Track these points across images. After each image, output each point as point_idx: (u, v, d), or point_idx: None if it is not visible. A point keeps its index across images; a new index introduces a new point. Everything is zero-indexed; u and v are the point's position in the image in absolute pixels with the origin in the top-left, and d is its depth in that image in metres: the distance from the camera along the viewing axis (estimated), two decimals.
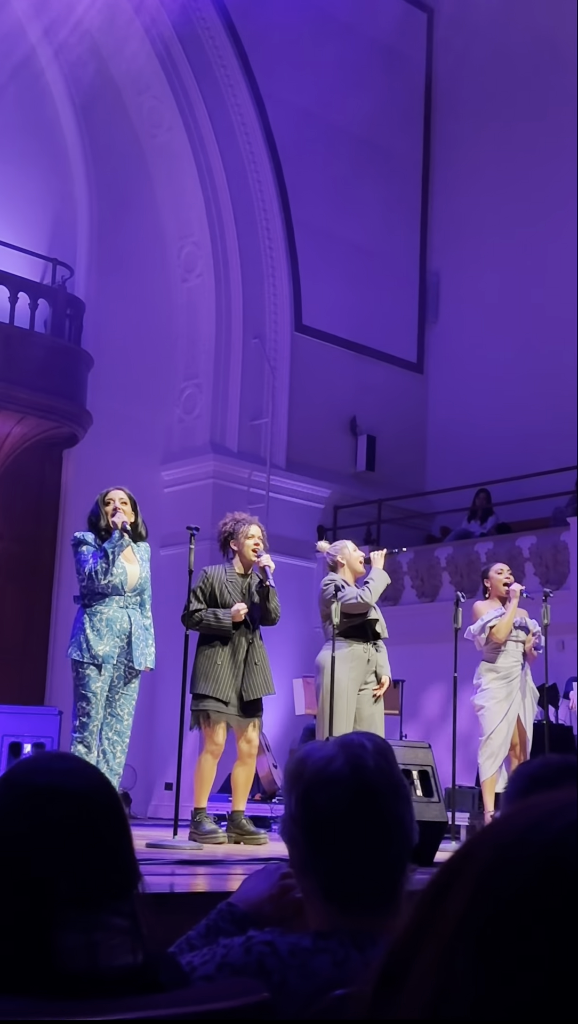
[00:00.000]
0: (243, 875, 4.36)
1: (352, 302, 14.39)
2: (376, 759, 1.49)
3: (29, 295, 12.17)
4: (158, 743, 11.74)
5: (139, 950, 1.24)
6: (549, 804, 0.56)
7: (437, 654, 7.27)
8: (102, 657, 5.75)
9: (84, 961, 1.19)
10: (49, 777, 1.28)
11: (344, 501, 13.90)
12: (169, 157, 13.68)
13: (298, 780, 1.50)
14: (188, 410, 13.56)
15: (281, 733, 12.05)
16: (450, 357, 15.07)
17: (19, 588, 12.19)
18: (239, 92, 13.74)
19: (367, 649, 6.55)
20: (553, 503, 12.52)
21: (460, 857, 0.57)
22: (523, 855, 0.53)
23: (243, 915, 1.67)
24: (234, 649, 6.31)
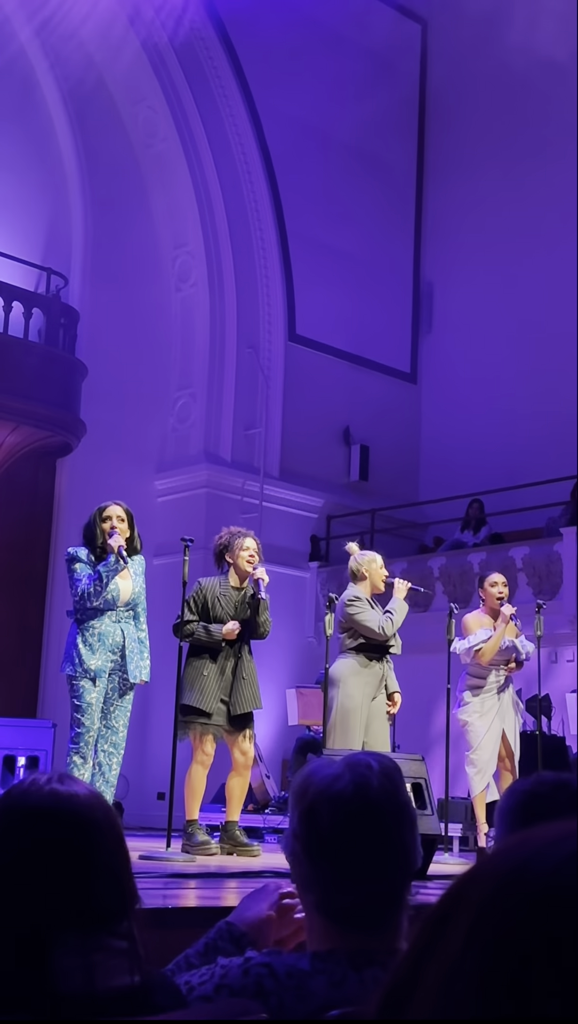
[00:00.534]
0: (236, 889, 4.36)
1: (346, 312, 14.42)
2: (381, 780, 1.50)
3: (23, 304, 12.18)
4: (151, 753, 11.72)
5: (136, 971, 1.25)
6: (549, 834, 0.57)
7: (430, 665, 7.27)
8: (94, 671, 5.76)
9: (81, 982, 1.20)
10: (46, 799, 1.28)
11: (337, 511, 13.91)
12: (164, 167, 13.71)
13: (303, 797, 1.51)
14: (182, 419, 13.57)
15: (274, 744, 12.05)
16: (443, 367, 15.10)
17: (12, 598, 12.18)
18: (234, 103, 13.78)
19: (380, 664, 6.57)
20: (546, 513, 12.54)
21: (461, 886, 0.58)
22: (523, 885, 0.54)
23: (241, 934, 1.68)
24: (222, 661, 6.31)
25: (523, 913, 0.53)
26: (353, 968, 1.41)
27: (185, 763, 6.42)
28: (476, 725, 7.13)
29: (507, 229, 14.43)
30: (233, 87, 13.75)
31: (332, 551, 13.83)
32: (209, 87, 13.69)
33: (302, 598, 13.40)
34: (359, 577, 6.75)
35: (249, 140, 13.85)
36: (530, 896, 0.53)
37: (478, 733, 7.12)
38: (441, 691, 7.30)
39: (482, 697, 7.18)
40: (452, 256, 15.19)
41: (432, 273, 15.51)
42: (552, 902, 0.52)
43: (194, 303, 13.69)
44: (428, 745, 10.22)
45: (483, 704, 7.16)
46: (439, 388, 15.12)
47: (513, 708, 7.25)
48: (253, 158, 13.88)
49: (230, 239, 13.67)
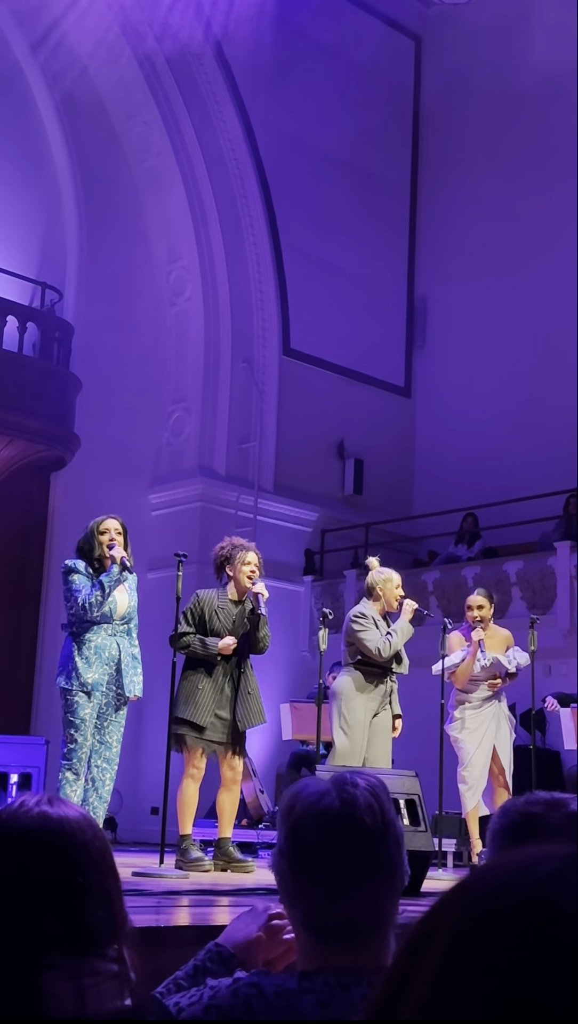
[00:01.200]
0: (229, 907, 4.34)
1: (340, 326, 14.45)
2: (367, 798, 1.50)
3: (18, 318, 12.19)
4: (145, 768, 11.70)
5: (127, 994, 1.24)
6: (531, 855, 0.57)
7: (424, 679, 7.26)
8: (91, 685, 5.75)
9: (72, 1006, 1.19)
10: (37, 819, 1.28)
11: (331, 525, 13.92)
12: (158, 182, 13.75)
13: (289, 814, 1.51)
14: (176, 433, 13.58)
15: (268, 758, 12.02)
16: (437, 381, 15.13)
17: (5, 613, 12.15)
18: (228, 118, 13.83)
19: (384, 682, 6.57)
20: (540, 528, 12.55)
21: (442, 906, 0.58)
22: (504, 904, 0.54)
23: (230, 956, 1.68)
24: (217, 676, 6.29)
25: (501, 932, 0.53)
26: (341, 988, 1.42)
27: (178, 778, 6.41)
28: (465, 741, 7.12)
29: (501, 243, 14.48)
30: (228, 102, 13.80)
31: (326, 565, 13.84)
32: (204, 102, 13.74)
33: (296, 612, 13.40)
34: (374, 594, 6.74)
35: (244, 155, 13.90)
36: (510, 916, 0.54)
37: (468, 750, 7.11)
38: (435, 707, 7.29)
39: (470, 713, 7.18)
40: (446, 270, 15.24)
41: (426, 287, 15.56)
42: (531, 923, 0.53)
43: (188, 317, 13.71)
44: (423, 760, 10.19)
45: (472, 720, 7.16)
46: (433, 402, 15.15)
47: (505, 723, 7.23)
48: (248, 173, 13.92)
49: (224, 253, 13.70)
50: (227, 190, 13.80)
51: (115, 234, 13.41)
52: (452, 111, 15.42)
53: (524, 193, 14.37)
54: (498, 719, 7.20)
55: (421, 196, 15.84)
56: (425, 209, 15.76)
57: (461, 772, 7.15)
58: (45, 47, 12.97)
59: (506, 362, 14.18)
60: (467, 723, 7.15)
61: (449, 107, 15.47)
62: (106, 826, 11.30)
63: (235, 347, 13.65)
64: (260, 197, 13.97)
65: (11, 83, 12.94)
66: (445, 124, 15.56)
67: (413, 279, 15.64)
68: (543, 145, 14.21)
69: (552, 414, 13.42)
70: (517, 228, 14.34)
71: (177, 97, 13.59)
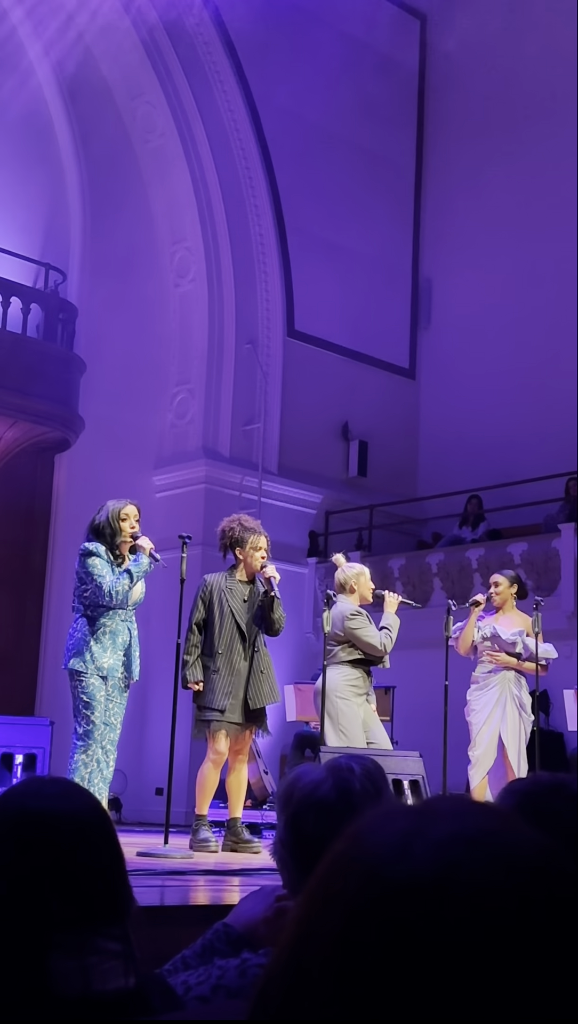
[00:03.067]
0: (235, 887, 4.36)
1: (344, 307, 14.41)
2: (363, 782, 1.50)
3: (22, 299, 12.17)
4: (149, 749, 11.73)
5: (132, 973, 1.25)
6: (400, 833, 0.56)
7: (428, 661, 7.28)
8: (107, 670, 5.74)
9: (77, 985, 1.20)
10: (41, 802, 1.29)
11: (336, 506, 13.91)
12: (162, 162, 13.69)
13: (287, 804, 1.51)
14: (180, 415, 13.55)
15: (272, 740, 12.01)
16: (442, 363, 15.09)
17: (10, 594, 12.17)
18: (232, 98, 13.76)
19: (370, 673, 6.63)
20: (544, 509, 12.54)
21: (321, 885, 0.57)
22: (383, 894, 0.53)
23: (238, 936, 1.68)
24: (233, 656, 6.32)
25: (385, 931, 0.52)
26: None
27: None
28: (473, 721, 7.17)
29: (506, 225, 14.42)
30: (232, 82, 13.72)
31: (330, 547, 13.83)
32: (207, 82, 13.66)
33: (300, 594, 13.40)
34: (348, 589, 6.75)
35: (248, 135, 13.83)
36: (388, 910, 0.53)
37: (474, 728, 7.16)
38: (439, 687, 7.30)
39: (477, 694, 7.23)
40: (451, 252, 15.18)
41: (431, 269, 15.50)
42: (410, 914, 0.52)
43: (192, 299, 13.67)
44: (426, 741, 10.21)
45: (477, 701, 7.21)
46: (438, 384, 15.11)
47: (513, 706, 7.23)
48: (252, 153, 13.86)
49: (229, 234, 13.65)
50: (231, 170, 13.74)
51: (119, 215, 13.36)
52: (458, 91, 15.34)
53: (529, 174, 14.30)
54: (505, 701, 7.20)
55: (426, 176, 15.76)
56: (430, 189, 15.69)
57: (469, 751, 7.21)
58: (48, 26, 12.90)
59: (511, 344, 14.14)
60: (473, 704, 7.19)
61: (455, 87, 15.38)
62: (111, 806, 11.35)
63: (239, 328, 13.61)
64: (264, 177, 13.90)
65: (15, 63, 12.88)
66: (451, 104, 15.48)
67: (418, 260, 15.58)
68: (549, 126, 14.13)
69: (557, 396, 13.39)
70: (523, 209, 14.27)
71: (181, 77, 13.51)
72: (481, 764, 7.12)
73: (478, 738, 7.13)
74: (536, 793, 1.74)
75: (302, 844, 1.48)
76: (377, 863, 0.55)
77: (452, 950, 0.51)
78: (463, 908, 0.52)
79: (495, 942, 0.51)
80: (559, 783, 1.75)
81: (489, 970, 0.51)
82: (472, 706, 7.21)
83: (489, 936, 0.51)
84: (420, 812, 0.57)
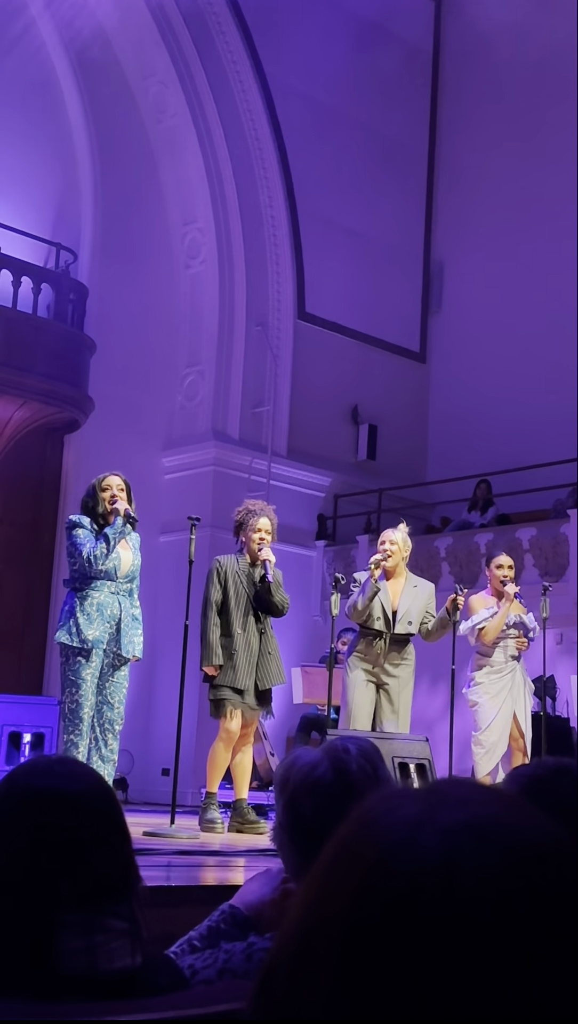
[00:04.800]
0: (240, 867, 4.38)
1: (355, 290, 14.37)
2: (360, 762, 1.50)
3: (32, 279, 12.14)
4: (155, 729, 11.77)
5: (138, 952, 1.25)
6: (408, 822, 0.56)
7: (435, 645, 7.26)
8: (92, 642, 5.71)
9: (83, 963, 1.20)
10: (48, 780, 1.29)
11: (345, 490, 13.90)
12: (174, 143, 13.64)
13: (284, 787, 1.51)
14: (190, 397, 13.55)
15: (279, 722, 12.05)
16: (453, 346, 15.05)
17: (18, 574, 12.20)
18: (245, 79, 13.69)
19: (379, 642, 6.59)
20: (554, 495, 12.52)
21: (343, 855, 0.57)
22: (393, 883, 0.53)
23: (244, 918, 1.69)
24: (248, 638, 6.35)
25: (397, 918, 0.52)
26: None
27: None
28: (485, 706, 7.13)
29: (520, 207, 14.35)
30: (245, 63, 13.66)
31: (339, 530, 13.84)
32: (221, 63, 13.60)
33: (308, 577, 13.41)
34: None
35: (260, 117, 13.77)
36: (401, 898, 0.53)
37: (487, 715, 7.11)
38: (446, 671, 7.31)
39: (493, 677, 7.18)
40: (463, 235, 15.12)
41: (442, 252, 15.45)
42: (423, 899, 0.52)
43: (203, 280, 13.64)
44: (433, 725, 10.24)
45: (493, 684, 7.16)
46: (448, 368, 15.08)
47: (525, 689, 7.23)
48: (264, 135, 13.80)
49: (240, 216, 13.61)
50: (243, 151, 13.69)
51: (130, 195, 13.33)
52: (472, 73, 15.25)
53: (543, 157, 14.23)
54: (518, 684, 7.20)
55: (439, 159, 15.69)
56: (443, 172, 15.62)
57: (477, 736, 7.17)
58: (61, 4, 12.84)
59: (522, 328, 14.10)
60: (488, 687, 7.15)
61: (469, 69, 15.29)
62: (117, 786, 11.40)
63: (250, 310, 13.58)
64: (277, 159, 13.85)
65: (27, 43, 12.82)
66: (464, 86, 15.39)
67: (430, 243, 15.52)
68: (564, 109, 14.04)
69: (568, 381, 13.34)
70: (535, 193, 14.20)
71: (194, 57, 13.45)
72: (495, 751, 7.10)
73: (493, 725, 7.10)
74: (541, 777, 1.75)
75: (301, 826, 1.48)
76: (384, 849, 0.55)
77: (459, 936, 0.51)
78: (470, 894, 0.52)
79: (502, 928, 0.51)
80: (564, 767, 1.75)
81: (496, 956, 0.51)
82: (485, 688, 7.17)
83: (496, 922, 0.51)
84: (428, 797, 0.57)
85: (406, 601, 6.66)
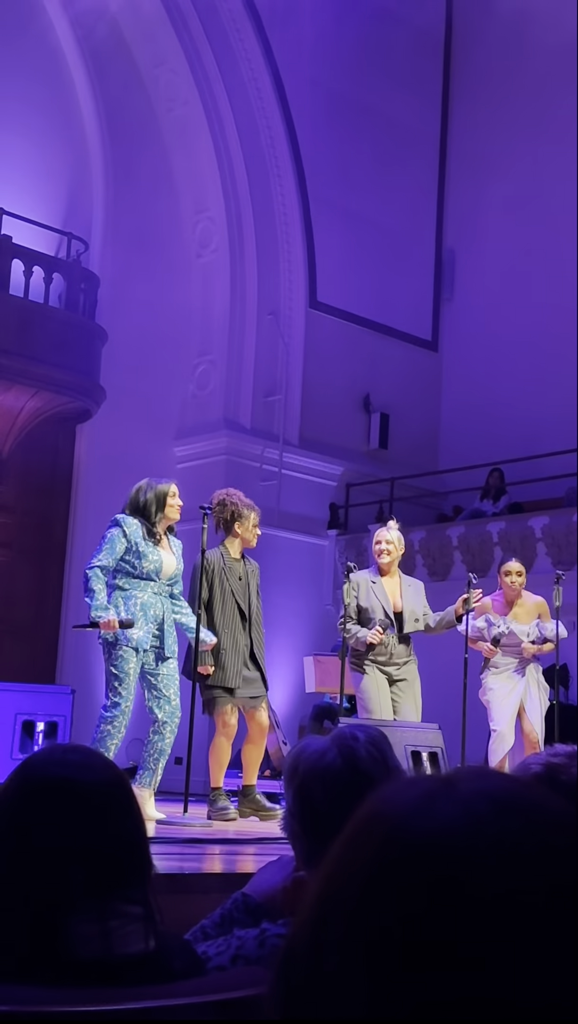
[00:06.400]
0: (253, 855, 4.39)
1: (367, 279, 14.33)
2: (368, 749, 1.51)
3: (44, 269, 12.15)
4: None
5: (152, 937, 1.26)
6: (424, 794, 0.56)
7: (447, 633, 7.26)
8: (136, 641, 5.66)
9: (98, 948, 1.21)
10: (63, 769, 1.30)
11: (357, 479, 13.89)
12: (185, 131, 13.61)
13: (293, 776, 1.52)
14: (201, 386, 13.54)
15: (291, 711, 12.10)
16: (465, 335, 15.00)
17: (31, 563, 12.22)
18: (256, 66, 13.64)
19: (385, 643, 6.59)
20: (566, 483, 12.49)
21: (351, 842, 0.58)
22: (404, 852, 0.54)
23: (257, 906, 1.69)
24: (238, 633, 6.36)
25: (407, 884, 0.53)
26: None
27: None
28: (494, 703, 7.23)
29: (532, 196, 14.28)
30: (255, 50, 13.61)
31: (351, 519, 13.83)
32: (231, 50, 13.55)
33: (321, 566, 13.42)
34: None
35: (272, 105, 13.73)
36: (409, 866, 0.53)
37: (496, 706, 7.21)
38: (459, 660, 7.32)
39: (493, 677, 7.28)
40: (475, 223, 15.06)
41: (454, 240, 15.39)
42: (431, 869, 0.53)
43: (215, 269, 13.62)
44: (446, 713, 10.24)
45: (495, 681, 7.26)
46: (460, 356, 15.03)
47: (535, 686, 7.26)
48: (275, 123, 13.76)
49: (251, 205, 13.58)
50: (254, 140, 13.65)
51: (141, 184, 13.31)
52: (484, 59, 15.17)
53: (556, 144, 14.15)
54: (529, 683, 7.23)
55: (450, 147, 15.62)
56: (454, 160, 15.55)
57: (491, 727, 7.26)
58: None
59: (535, 317, 14.04)
60: (494, 684, 7.24)
61: (481, 55, 15.21)
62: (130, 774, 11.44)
63: (261, 299, 13.56)
64: (288, 147, 13.81)
65: (38, 30, 12.81)
66: (477, 73, 15.31)
67: (441, 231, 15.47)
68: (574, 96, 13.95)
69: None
70: (548, 180, 14.13)
71: (204, 44, 13.40)
72: (504, 740, 7.15)
73: (499, 714, 7.16)
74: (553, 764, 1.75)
75: (311, 813, 1.49)
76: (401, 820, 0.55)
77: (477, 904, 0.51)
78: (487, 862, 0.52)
79: (520, 896, 0.52)
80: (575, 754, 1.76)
81: (514, 924, 0.51)
82: (489, 685, 7.25)
83: (514, 890, 0.52)
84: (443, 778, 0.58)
85: (408, 601, 6.70)
